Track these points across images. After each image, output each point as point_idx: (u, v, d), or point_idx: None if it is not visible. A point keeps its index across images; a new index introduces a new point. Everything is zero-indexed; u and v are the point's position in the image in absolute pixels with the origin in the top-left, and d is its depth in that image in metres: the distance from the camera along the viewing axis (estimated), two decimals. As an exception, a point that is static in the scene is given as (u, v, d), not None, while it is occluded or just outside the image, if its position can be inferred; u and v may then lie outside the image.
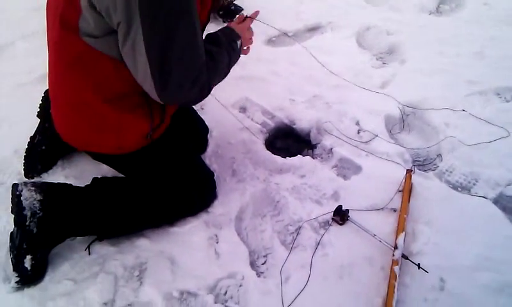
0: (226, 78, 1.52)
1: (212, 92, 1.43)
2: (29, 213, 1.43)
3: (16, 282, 1.45)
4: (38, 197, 1.46)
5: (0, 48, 2.64)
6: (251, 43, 1.59)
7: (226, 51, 1.44)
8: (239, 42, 1.50)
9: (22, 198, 1.45)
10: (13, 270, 1.45)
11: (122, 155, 1.53)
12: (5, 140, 1.99)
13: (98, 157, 1.65)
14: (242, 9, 2.79)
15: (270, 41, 2.70)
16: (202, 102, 1.49)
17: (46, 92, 1.94)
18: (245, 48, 1.57)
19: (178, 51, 1.21)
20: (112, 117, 1.41)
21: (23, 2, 3.03)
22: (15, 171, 1.86)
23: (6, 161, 1.90)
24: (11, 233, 1.50)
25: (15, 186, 1.49)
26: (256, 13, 1.60)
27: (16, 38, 2.72)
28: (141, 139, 1.50)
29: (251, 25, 1.60)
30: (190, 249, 1.58)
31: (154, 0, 1.13)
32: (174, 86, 1.26)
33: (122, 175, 1.71)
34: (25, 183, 1.50)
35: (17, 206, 1.45)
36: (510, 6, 2.84)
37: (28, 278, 1.46)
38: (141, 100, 1.43)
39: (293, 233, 1.63)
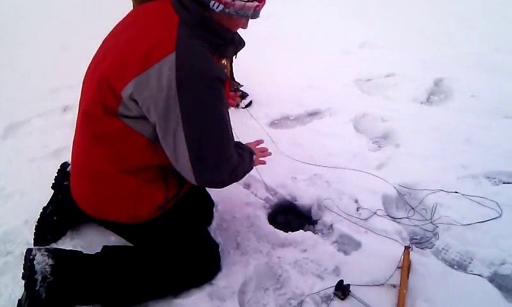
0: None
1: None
2: (39, 278, 1.47)
3: (19, 351, 1.44)
4: (50, 262, 1.50)
5: (16, 124, 2.78)
6: (265, 156, 1.88)
7: (249, 154, 1.71)
8: (254, 156, 1.76)
9: (34, 262, 1.49)
10: (18, 339, 1.45)
11: (133, 224, 1.59)
12: (16, 210, 2.04)
13: (109, 225, 1.71)
14: (248, 95, 2.99)
15: (273, 124, 2.86)
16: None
17: (62, 165, 2.04)
18: (260, 159, 1.84)
19: (213, 140, 1.43)
20: (130, 187, 1.51)
21: (40, 83, 3.25)
22: (24, 240, 1.88)
23: (16, 230, 1.93)
24: (19, 300, 1.52)
25: (28, 251, 1.54)
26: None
27: (33, 115, 2.87)
28: (154, 209, 1.58)
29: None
30: (193, 322, 1.58)
31: (192, 104, 1.34)
32: (210, 167, 1.45)
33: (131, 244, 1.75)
34: (39, 249, 1.54)
35: (29, 270, 1.48)
36: (495, 97, 3.07)
37: (31, 347, 1.45)
38: (159, 173, 1.55)
39: None
